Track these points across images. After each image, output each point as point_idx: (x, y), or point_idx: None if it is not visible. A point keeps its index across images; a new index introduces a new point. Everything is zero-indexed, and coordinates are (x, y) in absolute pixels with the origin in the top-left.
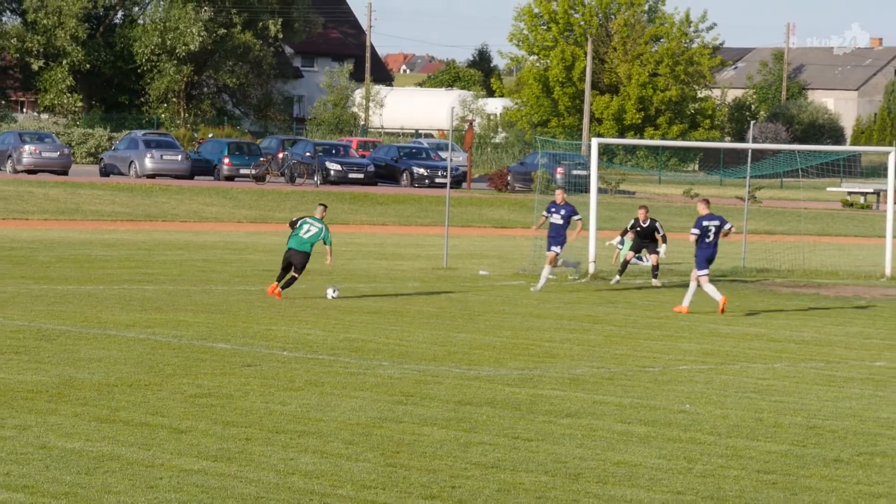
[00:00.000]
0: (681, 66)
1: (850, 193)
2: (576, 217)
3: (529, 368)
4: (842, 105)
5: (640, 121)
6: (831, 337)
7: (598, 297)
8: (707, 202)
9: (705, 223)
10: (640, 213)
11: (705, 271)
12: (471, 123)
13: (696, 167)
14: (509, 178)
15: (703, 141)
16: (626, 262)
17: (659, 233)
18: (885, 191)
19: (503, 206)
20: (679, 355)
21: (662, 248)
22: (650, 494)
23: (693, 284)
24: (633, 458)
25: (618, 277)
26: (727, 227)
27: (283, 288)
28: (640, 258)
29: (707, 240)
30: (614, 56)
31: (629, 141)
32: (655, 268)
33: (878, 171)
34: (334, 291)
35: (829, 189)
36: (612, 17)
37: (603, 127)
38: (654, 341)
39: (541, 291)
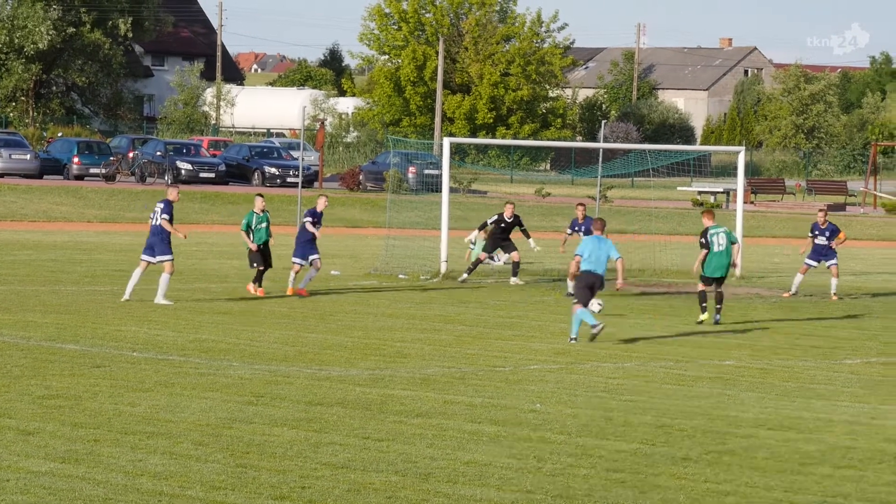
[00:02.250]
0: (532, 65)
1: (700, 193)
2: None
3: (380, 368)
4: (692, 105)
5: (491, 120)
6: (681, 336)
7: (449, 296)
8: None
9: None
10: (508, 210)
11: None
12: (322, 123)
13: (548, 166)
14: (361, 177)
15: (554, 140)
16: (477, 262)
17: (521, 226)
18: (735, 190)
19: (355, 205)
20: (530, 355)
21: (531, 241)
22: (500, 494)
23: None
24: (483, 458)
25: (465, 275)
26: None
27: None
28: (492, 258)
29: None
30: (466, 56)
31: (481, 140)
32: (516, 265)
33: (728, 170)
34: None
35: (679, 188)
36: (464, 16)
37: (455, 126)
38: (505, 341)
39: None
